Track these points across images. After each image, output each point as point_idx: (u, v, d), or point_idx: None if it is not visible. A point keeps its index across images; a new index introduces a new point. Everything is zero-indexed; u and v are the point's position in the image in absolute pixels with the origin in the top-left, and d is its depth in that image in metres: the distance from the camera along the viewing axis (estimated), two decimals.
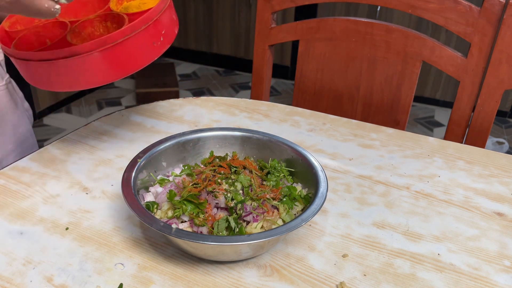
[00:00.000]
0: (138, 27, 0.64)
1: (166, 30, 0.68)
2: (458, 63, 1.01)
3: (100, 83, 0.66)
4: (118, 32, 0.63)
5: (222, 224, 0.58)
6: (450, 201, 0.73)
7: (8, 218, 0.66)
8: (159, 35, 0.67)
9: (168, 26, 0.69)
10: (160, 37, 0.67)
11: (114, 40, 0.63)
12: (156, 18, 0.66)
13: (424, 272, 0.59)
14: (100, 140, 0.85)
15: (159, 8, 0.66)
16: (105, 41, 0.62)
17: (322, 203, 0.59)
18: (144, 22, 0.64)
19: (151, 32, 0.66)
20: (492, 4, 0.94)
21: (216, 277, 0.57)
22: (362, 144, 0.86)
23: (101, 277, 0.57)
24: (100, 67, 0.65)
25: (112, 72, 0.66)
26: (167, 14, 0.68)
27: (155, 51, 0.67)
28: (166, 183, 0.66)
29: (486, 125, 1.01)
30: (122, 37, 0.63)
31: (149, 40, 0.66)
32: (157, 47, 0.67)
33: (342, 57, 1.13)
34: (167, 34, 0.69)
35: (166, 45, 0.69)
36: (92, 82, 0.66)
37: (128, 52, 0.65)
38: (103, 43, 0.62)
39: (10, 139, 0.86)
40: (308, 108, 0.99)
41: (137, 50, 0.65)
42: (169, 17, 0.69)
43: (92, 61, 0.64)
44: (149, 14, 0.65)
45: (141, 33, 0.64)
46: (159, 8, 0.66)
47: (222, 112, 0.96)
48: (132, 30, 0.63)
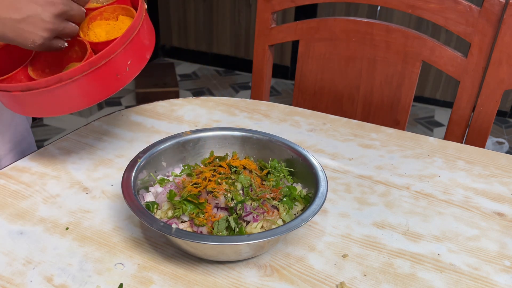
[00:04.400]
0: (98, 62, 0.62)
1: (133, 59, 0.66)
2: (458, 63, 1.00)
3: (60, 113, 0.66)
4: (76, 68, 0.62)
5: (222, 224, 0.58)
6: (450, 201, 0.73)
7: (8, 218, 0.66)
8: (124, 66, 0.65)
9: (136, 54, 0.66)
10: (125, 67, 0.65)
11: (71, 76, 0.62)
12: (119, 50, 0.64)
13: (424, 272, 0.59)
14: (100, 140, 0.85)
15: (124, 39, 0.64)
16: (61, 77, 0.62)
17: (322, 203, 0.59)
18: (105, 56, 0.63)
19: (113, 65, 0.64)
20: (492, 4, 0.94)
21: (216, 277, 0.57)
22: (362, 144, 0.86)
23: (101, 277, 0.57)
24: (58, 100, 0.64)
25: (71, 105, 0.65)
26: (136, 42, 0.66)
27: (120, 82, 0.66)
28: (166, 183, 0.66)
29: (486, 125, 1.01)
30: (80, 74, 0.62)
31: (112, 73, 0.64)
32: (121, 77, 0.65)
33: (342, 57, 1.13)
34: (135, 63, 0.66)
35: (134, 74, 0.67)
36: (50, 112, 0.67)
37: (88, 86, 0.64)
38: (59, 79, 0.62)
39: (7, 138, 0.86)
40: (308, 108, 0.99)
41: (98, 83, 0.64)
42: (138, 45, 0.67)
43: (50, 94, 0.63)
44: (111, 48, 0.63)
45: (101, 68, 0.63)
46: (124, 39, 0.64)
47: (222, 112, 0.96)
48: (91, 66, 0.62)
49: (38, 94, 0.64)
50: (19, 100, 0.66)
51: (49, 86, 0.62)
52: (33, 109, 0.67)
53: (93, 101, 0.66)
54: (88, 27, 0.72)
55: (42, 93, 0.63)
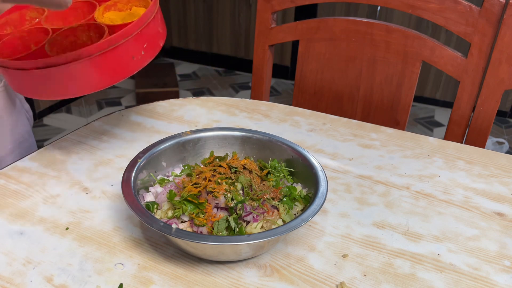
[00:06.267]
0: (116, 41, 0.62)
1: (149, 44, 0.67)
2: (458, 63, 1.01)
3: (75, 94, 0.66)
4: (94, 46, 0.62)
5: (222, 224, 0.58)
6: (450, 201, 0.73)
7: (8, 218, 0.66)
8: (140, 49, 0.66)
9: (151, 39, 0.67)
10: (141, 51, 0.66)
11: (89, 53, 0.62)
12: (136, 32, 0.64)
13: (424, 272, 0.59)
14: (100, 140, 0.85)
15: (141, 22, 0.65)
16: (80, 54, 0.61)
17: (322, 203, 0.59)
18: (123, 36, 0.63)
19: (130, 46, 0.64)
20: (492, 4, 0.94)
21: (216, 277, 0.58)
22: (362, 144, 0.86)
23: (101, 277, 0.57)
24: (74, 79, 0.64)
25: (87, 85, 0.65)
26: (151, 27, 0.67)
27: (135, 65, 0.66)
28: (166, 183, 0.66)
29: (486, 125, 1.01)
30: (98, 51, 0.62)
31: (128, 54, 0.65)
32: (137, 60, 0.66)
33: (342, 57, 1.13)
34: (150, 48, 0.67)
35: (149, 58, 0.67)
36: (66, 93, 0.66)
37: (105, 66, 0.64)
38: (78, 56, 0.61)
39: (8, 139, 0.86)
40: (308, 108, 0.99)
41: (115, 64, 0.64)
42: (153, 30, 0.68)
43: (67, 72, 0.63)
44: (129, 28, 0.63)
45: (119, 47, 0.63)
46: (141, 22, 0.65)
47: (222, 112, 0.96)
48: (109, 44, 0.62)
49: (55, 72, 0.63)
50: (35, 79, 0.65)
51: (68, 63, 0.62)
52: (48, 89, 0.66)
53: (108, 82, 0.65)
54: (103, 16, 0.73)
55: (59, 70, 0.62)
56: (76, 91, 0.66)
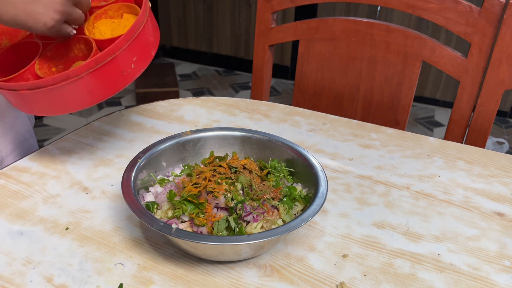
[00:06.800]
0: (104, 59, 0.63)
1: (139, 56, 0.67)
2: (458, 63, 1.00)
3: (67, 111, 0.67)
4: (83, 65, 0.62)
5: (222, 224, 0.58)
6: (450, 201, 0.73)
7: (8, 218, 0.66)
8: (130, 63, 0.66)
9: (142, 50, 0.67)
10: (131, 64, 0.66)
11: (77, 73, 0.62)
12: (124, 47, 0.64)
13: (424, 272, 0.59)
14: (100, 140, 0.85)
15: (129, 36, 0.65)
16: (68, 75, 0.62)
17: (322, 203, 0.59)
18: (111, 53, 0.63)
19: (119, 62, 0.64)
20: (492, 4, 0.94)
21: (216, 277, 0.57)
22: (362, 144, 0.86)
23: (101, 277, 0.57)
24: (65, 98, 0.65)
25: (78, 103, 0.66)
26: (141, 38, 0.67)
27: (126, 79, 0.66)
28: (166, 183, 0.66)
29: (486, 125, 1.01)
30: (86, 70, 0.62)
31: (118, 70, 0.65)
32: (127, 74, 0.66)
33: (342, 57, 1.13)
34: (140, 59, 0.67)
35: (139, 71, 0.67)
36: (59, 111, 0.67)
37: (95, 83, 0.64)
38: (66, 77, 0.62)
39: (9, 139, 0.86)
40: (308, 108, 0.99)
41: (104, 80, 0.64)
42: (144, 41, 0.67)
43: (57, 93, 0.64)
44: (116, 44, 0.63)
45: (107, 65, 0.63)
46: (129, 36, 0.65)
47: (222, 112, 0.96)
48: (97, 63, 0.62)
49: (45, 92, 0.64)
50: (26, 98, 0.66)
51: (56, 84, 0.63)
52: (40, 107, 0.67)
53: (99, 98, 0.66)
54: (93, 25, 0.73)
55: (49, 91, 0.63)
56: (67, 109, 0.66)
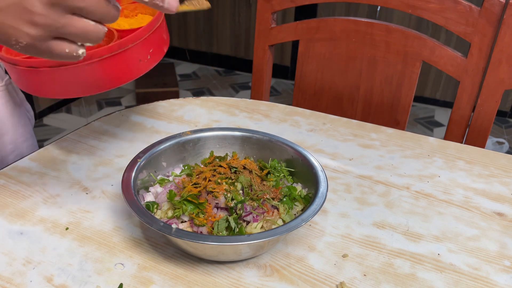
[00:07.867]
0: (126, 44, 0.65)
1: (154, 49, 0.70)
2: (458, 63, 1.01)
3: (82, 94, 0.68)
4: (105, 48, 0.64)
5: (222, 224, 0.58)
6: (450, 201, 0.73)
7: (8, 218, 0.66)
8: (147, 53, 0.69)
9: (157, 45, 0.71)
10: (147, 55, 0.69)
11: (100, 55, 0.64)
12: (144, 37, 0.67)
13: (424, 272, 0.59)
14: (100, 140, 0.85)
15: (149, 28, 0.68)
16: (91, 55, 0.64)
17: (322, 203, 0.59)
18: (132, 40, 0.66)
19: (138, 50, 0.67)
20: (492, 4, 0.94)
21: (216, 277, 0.58)
22: (362, 144, 0.86)
23: (101, 277, 0.57)
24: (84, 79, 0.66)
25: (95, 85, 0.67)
26: (157, 33, 0.70)
27: (141, 68, 0.69)
28: (166, 183, 0.66)
29: (486, 125, 1.01)
30: (109, 53, 0.64)
31: (136, 58, 0.68)
32: (143, 64, 0.69)
33: (342, 57, 1.13)
34: (155, 53, 0.71)
35: (153, 63, 0.71)
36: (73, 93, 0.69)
37: (114, 67, 0.67)
38: (89, 57, 0.64)
39: (9, 139, 0.86)
40: (308, 108, 0.99)
41: (123, 66, 0.67)
42: (159, 37, 0.71)
43: (77, 73, 0.65)
44: (138, 33, 0.66)
45: (128, 51, 0.66)
46: (149, 28, 0.68)
47: (222, 112, 0.96)
48: (119, 47, 0.65)
49: (65, 71, 0.65)
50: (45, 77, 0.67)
51: (79, 63, 0.64)
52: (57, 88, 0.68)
53: (114, 83, 0.68)
54: None
55: (70, 70, 0.65)
56: (83, 91, 0.68)
